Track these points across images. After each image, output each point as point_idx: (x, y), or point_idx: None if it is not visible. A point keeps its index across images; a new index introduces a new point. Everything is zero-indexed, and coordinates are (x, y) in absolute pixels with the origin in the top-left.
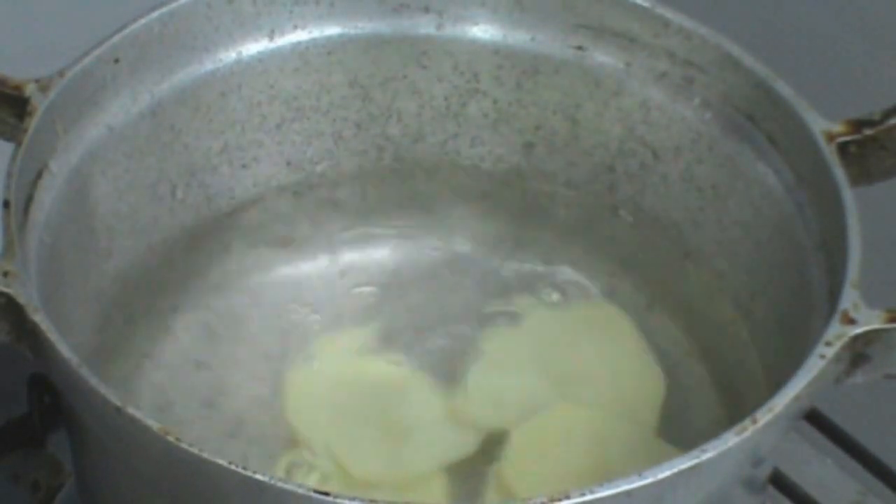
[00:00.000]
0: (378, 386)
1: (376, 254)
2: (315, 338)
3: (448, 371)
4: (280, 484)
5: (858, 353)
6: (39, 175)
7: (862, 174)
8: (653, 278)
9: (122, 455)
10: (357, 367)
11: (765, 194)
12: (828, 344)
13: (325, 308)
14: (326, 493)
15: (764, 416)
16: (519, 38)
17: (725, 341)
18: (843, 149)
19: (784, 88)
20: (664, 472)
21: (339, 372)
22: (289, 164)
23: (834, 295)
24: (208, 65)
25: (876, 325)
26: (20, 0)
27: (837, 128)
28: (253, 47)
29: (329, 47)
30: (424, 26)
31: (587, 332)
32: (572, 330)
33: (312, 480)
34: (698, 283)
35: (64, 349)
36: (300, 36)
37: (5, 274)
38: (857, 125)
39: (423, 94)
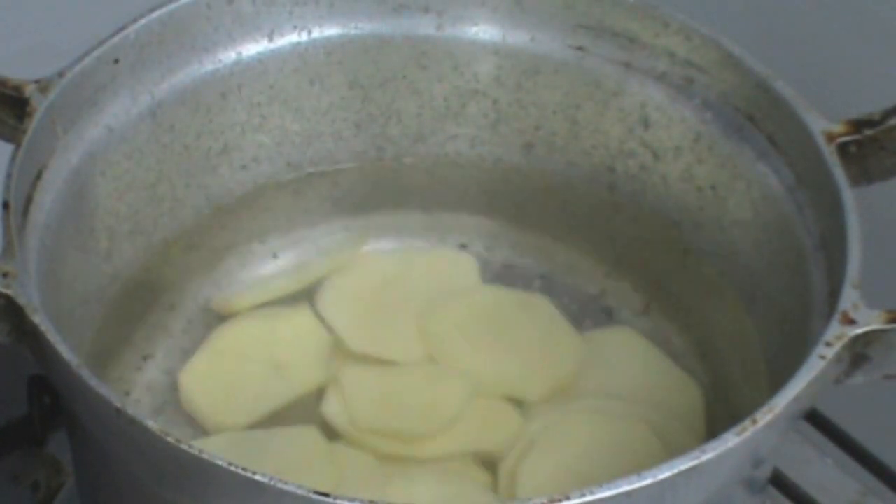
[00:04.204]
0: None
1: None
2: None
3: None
4: (280, 484)
5: (858, 353)
6: (39, 176)
7: (862, 174)
8: (652, 278)
9: (121, 455)
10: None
11: (765, 194)
12: (828, 344)
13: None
14: (326, 495)
15: (764, 417)
16: (519, 38)
17: (725, 341)
18: (843, 149)
19: (784, 88)
20: (664, 473)
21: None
22: (289, 164)
23: (834, 295)
24: (208, 65)
25: (876, 326)
26: (20, 0)
27: (837, 128)
28: (252, 48)
29: (329, 47)
30: (424, 26)
31: (608, 355)
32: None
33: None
34: (698, 282)
35: (63, 350)
36: (300, 36)
37: (5, 275)
38: (857, 125)
39: (423, 94)
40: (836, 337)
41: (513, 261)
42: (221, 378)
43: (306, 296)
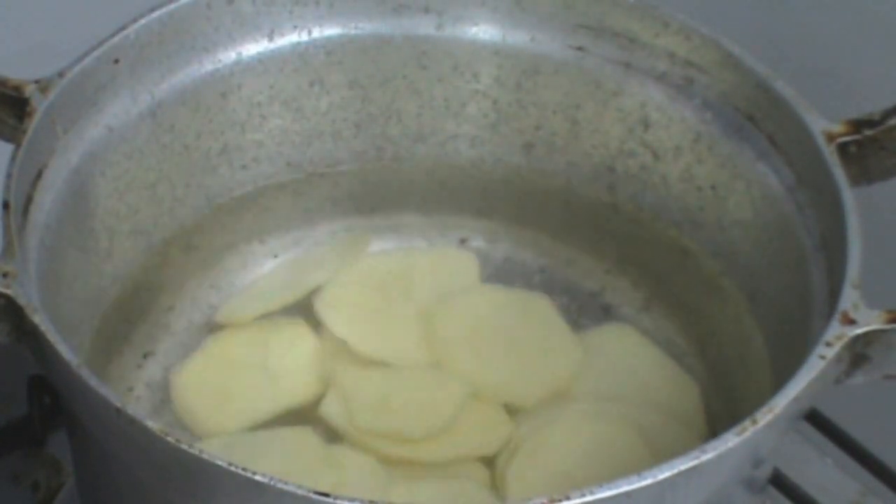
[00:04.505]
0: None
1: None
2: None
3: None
4: (280, 484)
5: (858, 353)
6: (39, 176)
7: (862, 174)
8: (652, 278)
9: (121, 455)
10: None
11: (765, 194)
12: (828, 344)
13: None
14: (326, 495)
15: (764, 417)
16: (519, 38)
17: (725, 340)
18: (843, 149)
19: (784, 88)
20: (664, 473)
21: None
22: (289, 164)
23: (834, 295)
24: (208, 65)
25: (876, 326)
26: (20, 0)
27: (837, 128)
28: (253, 48)
29: (329, 47)
30: (424, 26)
31: (606, 353)
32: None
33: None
34: (698, 282)
35: (63, 350)
36: (300, 36)
37: (5, 275)
38: (857, 125)
39: (423, 94)
40: (836, 337)
41: (512, 261)
42: (214, 385)
43: (307, 299)
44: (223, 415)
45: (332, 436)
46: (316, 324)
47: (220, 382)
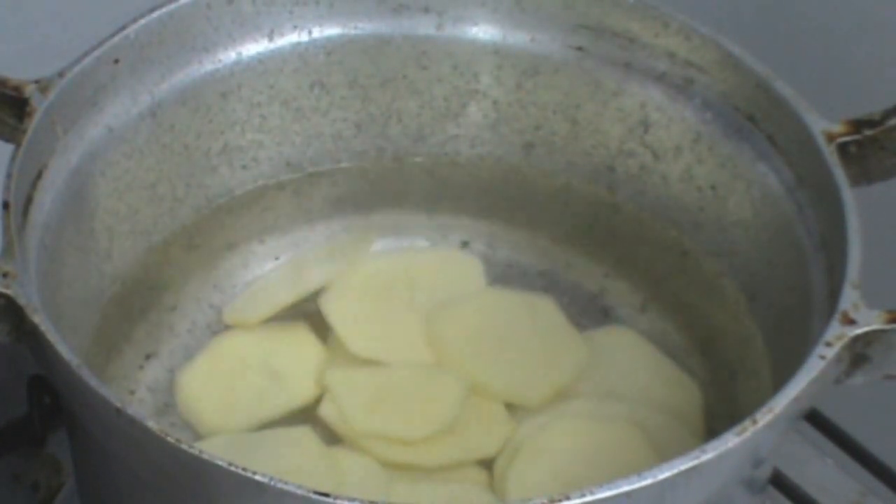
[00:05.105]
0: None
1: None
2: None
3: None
4: (280, 484)
5: (858, 353)
6: (39, 176)
7: (862, 174)
8: (652, 278)
9: (121, 456)
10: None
11: (765, 194)
12: (828, 345)
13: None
14: (326, 495)
15: (764, 417)
16: (519, 38)
17: (725, 341)
18: (843, 149)
19: (784, 88)
20: (664, 473)
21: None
22: (289, 164)
23: (834, 295)
24: (208, 65)
25: (876, 326)
26: (20, 0)
27: (837, 128)
28: (252, 48)
29: (329, 47)
30: (424, 26)
31: (607, 355)
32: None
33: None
34: (697, 282)
35: (63, 350)
36: (300, 36)
37: (5, 275)
38: (857, 125)
39: (423, 94)
40: (836, 337)
41: (513, 261)
42: (218, 386)
43: (311, 298)
44: (227, 415)
45: (333, 437)
46: (320, 325)
47: (225, 383)
